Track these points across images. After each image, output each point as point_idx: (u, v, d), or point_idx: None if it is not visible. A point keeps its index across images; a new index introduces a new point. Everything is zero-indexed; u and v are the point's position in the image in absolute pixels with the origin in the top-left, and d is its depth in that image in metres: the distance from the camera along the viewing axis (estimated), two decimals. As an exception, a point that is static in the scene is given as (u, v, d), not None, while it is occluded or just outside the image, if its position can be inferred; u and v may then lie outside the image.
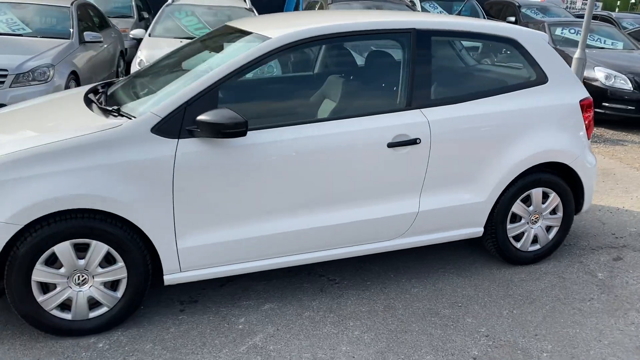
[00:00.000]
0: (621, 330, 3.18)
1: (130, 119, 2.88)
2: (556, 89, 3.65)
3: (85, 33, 7.70)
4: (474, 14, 12.84)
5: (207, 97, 2.90)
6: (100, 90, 3.62)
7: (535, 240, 3.80)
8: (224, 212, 2.97)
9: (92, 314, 2.92)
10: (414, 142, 3.23)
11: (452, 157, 3.37)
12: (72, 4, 7.93)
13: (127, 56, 10.06)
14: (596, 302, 3.44)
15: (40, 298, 2.80)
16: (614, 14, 15.48)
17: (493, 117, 3.43)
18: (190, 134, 2.86)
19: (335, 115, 3.18)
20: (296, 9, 12.82)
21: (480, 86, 3.57)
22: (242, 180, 2.95)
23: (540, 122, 3.57)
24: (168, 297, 3.31)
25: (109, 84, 3.88)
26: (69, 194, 2.68)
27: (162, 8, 8.21)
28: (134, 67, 6.92)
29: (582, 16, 15.23)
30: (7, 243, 2.69)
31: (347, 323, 3.14)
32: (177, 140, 2.85)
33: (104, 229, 2.78)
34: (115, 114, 3.02)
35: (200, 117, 2.81)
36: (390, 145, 3.19)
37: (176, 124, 2.85)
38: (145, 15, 12.30)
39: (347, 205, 3.19)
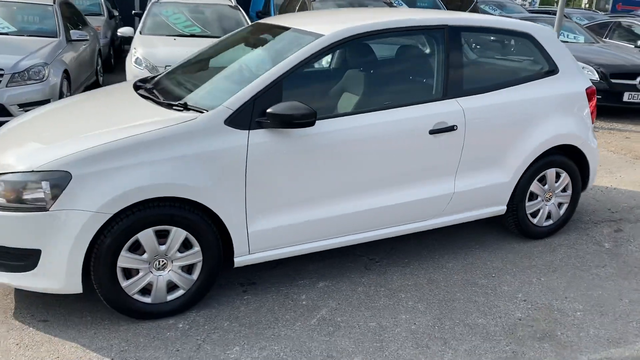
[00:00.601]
0: (637, 290, 3.60)
1: (202, 112, 3.07)
2: (566, 79, 4.05)
3: (71, 32, 7.67)
4: (435, 8, 13.34)
5: (272, 91, 3.12)
6: (149, 87, 3.76)
7: (548, 216, 4.20)
8: (290, 197, 3.20)
9: (170, 297, 3.10)
10: (451, 128, 3.55)
11: (483, 141, 3.71)
12: (54, 2, 7.86)
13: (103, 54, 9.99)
14: (609, 268, 3.87)
15: (124, 283, 2.96)
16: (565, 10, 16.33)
17: (517, 104, 3.80)
18: (259, 125, 3.08)
19: (384, 106, 3.45)
20: (266, 7, 12.92)
21: (503, 77, 3.93)
22: (307, 167, 3.19)
23: (555, 109, 3.96)
24: (227, 281, 3.51)
25: (145, 80, 4.02)
26: (155, 183, 2.85)
27: (148, 6, 8.25)
28: (130, 65, 6.97)
29: (533, 12, 16.09)
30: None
31: (399, 295, 3.43)
32: (247, 131, 3.06)
33: (183, 216, 2.97)
34: (180, 108, 3.19)
35: (271, 110, 3.03)
36: (432, 132, 3.50)
37: (246, 116, 3.06)
38: (115, 13, 12.20)
39: (396, 188, 3.48)
